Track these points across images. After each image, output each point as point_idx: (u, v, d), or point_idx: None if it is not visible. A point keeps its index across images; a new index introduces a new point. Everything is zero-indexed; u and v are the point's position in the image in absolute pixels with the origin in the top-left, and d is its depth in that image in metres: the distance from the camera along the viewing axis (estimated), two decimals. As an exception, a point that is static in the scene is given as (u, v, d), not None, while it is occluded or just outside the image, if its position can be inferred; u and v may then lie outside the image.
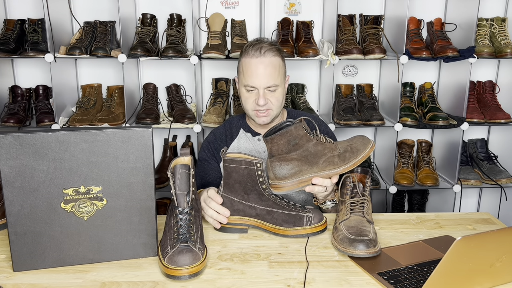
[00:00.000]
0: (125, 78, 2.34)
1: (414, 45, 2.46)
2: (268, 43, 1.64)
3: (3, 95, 2.51)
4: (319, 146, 1.32)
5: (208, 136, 1.81)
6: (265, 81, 1.60)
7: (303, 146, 1.31)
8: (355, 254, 1.21)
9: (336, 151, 1.32)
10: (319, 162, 1.31)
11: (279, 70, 1.63)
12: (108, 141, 1.14)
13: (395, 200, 2.73)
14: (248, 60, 1.62)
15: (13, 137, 1.09)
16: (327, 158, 1.31)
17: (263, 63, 1.59)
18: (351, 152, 1.31)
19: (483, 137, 2.74)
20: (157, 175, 2.47)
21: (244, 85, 1.63)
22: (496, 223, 1.51)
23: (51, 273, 1.16)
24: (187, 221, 1.20)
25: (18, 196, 1.13)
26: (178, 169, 1.22)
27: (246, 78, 1.62)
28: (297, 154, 1.31)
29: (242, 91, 1.66)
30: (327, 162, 1.31)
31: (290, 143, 1.31)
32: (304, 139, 1.32)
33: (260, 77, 1.59)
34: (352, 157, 1.31)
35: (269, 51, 1.60)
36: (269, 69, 1.60)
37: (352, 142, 1.34)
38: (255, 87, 1.61)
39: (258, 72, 1.59)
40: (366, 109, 2.49)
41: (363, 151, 1.31)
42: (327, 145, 1.32)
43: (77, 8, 2.55)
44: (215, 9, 2.56)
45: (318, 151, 1.31)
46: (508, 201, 2.63)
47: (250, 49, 1.62)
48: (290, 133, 1.31)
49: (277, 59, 1.62)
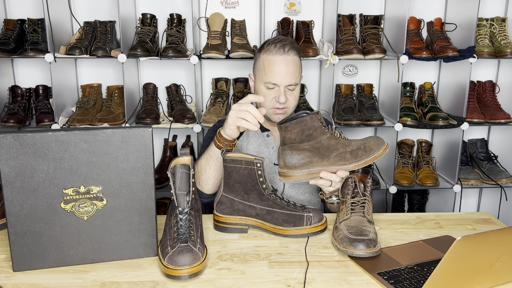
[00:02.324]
0: (125, 78, 2.34)
1: (414, 45, 2.46)
2: (290, 41, 1.64)
3: (3, 95, 2.51)
4: (332, 140, 1.31)
5: (216, 124, 1.81)
6: (287, 79, 1.60)
7: (316, 138, 1.31)
8: (355, 254, 1.21)
9: (349, 147, 1.31)
10: (330, 156, 1.31)
11: (299, 69, 1.65)
12: (108, 141, 1.14)
13: (395, 200, 2.73)
14: (270, 57, 1.61)
15: (13, 137, 1.09)
16: (339, 153, 1.31)
17: (286, 60, 1.60)
18: (364, 150, 1.31)
19: (483, 137, 2.74)
20: (157, 175, 2.47)
21: (265, 82, 1.62)
22: (496, 223, 1.51)
23: (51, 273, 1.16)
24: (187, 221, 1.20)
25: (18, 196, 1.12)
26: (178, 169, 1.22)
27: (267, 75, 1.61)
28: (310, 145, 1.31)
29: (261, 88, 1.64)
30: (339, 157, 1.31)
31: (303, 133, 1.31)
32: (319, 131, 1.31)
33: (283, 74, 1.59)
34: (364, 155, 1.30)
35: (292, 49, 1.61)
36: (291, 67, 1.60)
37: (367, 141, 1.34)
38: (277, 84, 1.60)
39: (281, 69, 1.59)
40: (366, 109, 2.49)
41: (376, 151, 1.30)
42: (340, 141, 1.32)
43: (77, 8, 2.55)
44: (215, 9, 2.56)
45: (331, 145, 1.31)
46: (508, 201, 2.63)
47: (272, 47, 1.61)
48: (305, 123, 1.31)
49: (298, 58, 1.64)
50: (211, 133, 1.76)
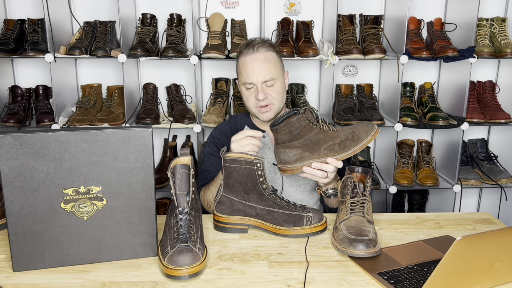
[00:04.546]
0: (125, 78, 2.34)
1: (414, 45, 2.46)
2: (260, 39, 1.69)
3: (3, 95, 2.51)
4: (320, 134, 1.40)
5: (213, 132, 1.83)
6: (261, 76, 1.64)
7: (304, 135, 1.40)
8: (355, 254, 1.22)
9: (337, 139, 1.40)
10: (320, 150, 1.40)
11: (275, 64, 1.67)
12: (108, 141, 1.14)
13: (395, 200, 2.73)
14: (243, 59, 1.67)
15: (13, 137, 1.09)
16: (328, 145, 1.40)
17: (257, 58, 1.64)
18: (352, 140, 1.39)
19: (483, 137, 2.74)
20: (157, 175, 2.47)
21: (243, 83, 1.68)
22: (496, 223, 1.51)
23: (51, 273, 1.16)
24: (187, 221, 1.20)
25: (18, 196, 1.13)
26: (178, 169, 1.22)
27: (243, 76, 1.67)
28: (299, 142, 1.41)
29: (243, 90, 1.70)
30: (328, 149, 1.40)
31: (292, 133, 1.41)
32: (306, 129, 1.40)
33: (256, 72, 1.64)
34: (352, 145, 1.38)
35: (261, 47, 1.66)
36: (264, 64, 1.64)
37: (355, 129, 1.41)
38: (253, 83, 1.65)
39: (254, 67, 1.64)
40: (366, 109, 2.49)
41: (364, 139, 1.38)
42: (329, 133, 1.40)
43: (77, 8, 2.55)
44: (215, 9, 2.56)
45: (319, 140, 1.40)
46: (508, 201, 2.63)
47: (244, 49, 1.68)
48: (292, 124, 1.40)
49: (271, 53, 1.67)
50: (210, 149, 1.78)
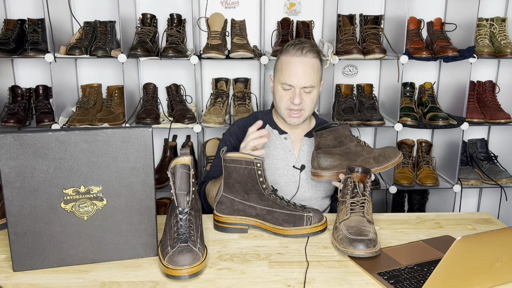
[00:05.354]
0: (125, 78, 2.34)
1: (414, 45, 2.46)
2: (310, 44, 1.66)
3: (3, 95, 2.51)
4: (358, 147, 1.54)
5: (232, 128, 1.79)
6: (303, 81, 1.61)
7: (346, 144, 1.53)
8: (355, 254, 1.22)
9: (372, 154, 1.53)
10: (357, 160, 1.52)
11: (317, 72, 1.65)
12: (108, 141, 1.14)
13: (395, 200, 2.73)
14: (288, 58, 1.63)
15: (13, 137, 1.09)
16: (364, 158, 1.52)
17: (303, 63, 1.61)
18: (384, 157, 1.54)
19: (483, 137, 2.74)
20: (157, 175, 2.47)
21: (281, 83, 1.64)
22: (496, 223, 1.51)
23: (51, 273, 1.16)
24: (187, 221, 1.20)
25: (18, 196, 1.13)
26: (178, 169, 1.22)
27: (284, 76, 1.63)
28: (340, 150, 1.53)
29: (278, 89, 1.67)
30: (364, 162, 1.51)
31: (336, 140, 1.53)
32: (348, 139, 1.54)
33: (298, 76, 1.61)
34: (384, 161, 1.53)
35: (310, 52, 1.63)
36: (308, 70, 1.62)
37: (385, 150, 1.57)
38: (292, 86, 1.62)
39: (298, 71, 1.61)
40: (366, 109, 2.49)
41: (394, 158, 1.54)
42: (365, 148, 1.55)
43: (77, 8, 2.55)
44: (215, 9, 2.56)
45: (357, 151, 1.53)
46: (508, 201, 2.63)
47: (291, 48, 1.64)
48: (338, 131, 1.54)
49: (316, 61, 1.65)
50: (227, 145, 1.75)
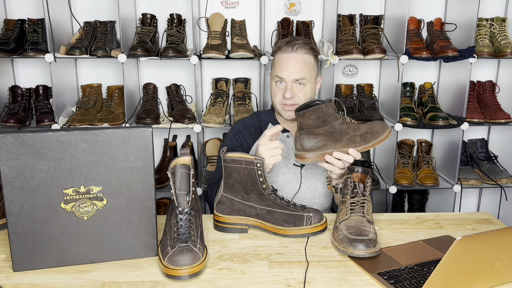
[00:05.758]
0: (125, 78, 2.34)
1: (414, 45, 2.46)
2: (303, 41, 1.70)
3: (3, 95, 2.51)
4: (344, 125, 1.45)
5: (236, 126, 1.81)
6: (294, 73, 1.64)
7: (330, 123, 1.44)
8: (355, 254, 1.22)
9: (358, 131, 1.45)
10: (342, 139, 1.44)
11: (309, 67, 1.67)
12: (108, 141, 1.14)
13: (395, 200, 2.73)
14: (280, 55, 1.69)
15: (13, 137, 1.09)
16: (350, 136, 1.44)
17: (294, 58, 1.65)
18: (371, 134, 1.45)
19: (483, 137, 2.74)
20: (157, 175, 2.47)
21: (274, 77, 1.69)
22: (496, 223, 1.51)
23: (51, 273, 1.16)
24: (187, 221, 1.20)
25: (18, 196, 1.13)
26: (178, 169, 1.22)
27: (276, 69, 1.68)
28: (324, 130, 1.44)
29: (272, 84, 1.72)
30: (350, 140, 1.44)
31: (319, 119, 1.44)
32: (332, 117, 1.44)
33: (289, 68, 1.64)
34: (372, 138, 1.45)
35: (301, 48, 1.66)
36: (299, 64, 1.65)
37: (373, 126, 1.48)
38: (283, 79, 1.65)
39: (288, 64, 1.65)
40: (366, 109, 2.49)
41: (382, 134, 1.46)
42: (351, 125, 1.46)
43: (77, 8, 2.55)
44: (215, 9, 2.56)
45: (342, 130, 1.45)
46: (508, 201, 2.63)
47: (283, 45, 1.69)
48: (321, 110, 1.43)
49: (308, 56, 1.68)
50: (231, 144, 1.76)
